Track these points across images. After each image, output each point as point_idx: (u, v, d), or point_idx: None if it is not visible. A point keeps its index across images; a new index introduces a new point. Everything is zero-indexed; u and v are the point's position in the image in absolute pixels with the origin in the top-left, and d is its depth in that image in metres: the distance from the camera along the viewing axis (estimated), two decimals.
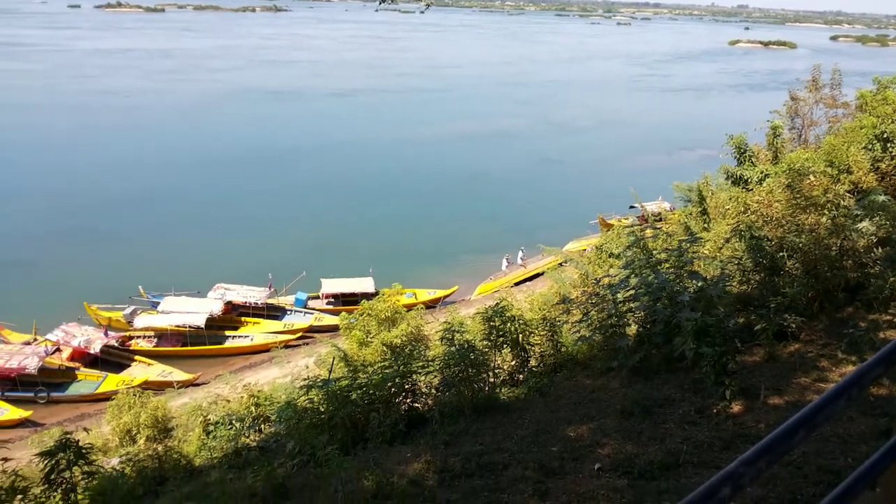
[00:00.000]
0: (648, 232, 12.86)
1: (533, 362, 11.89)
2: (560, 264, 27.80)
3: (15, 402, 24.81)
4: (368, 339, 20.39)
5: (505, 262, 35.87)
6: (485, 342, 11.02)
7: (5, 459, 6.79)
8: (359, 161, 55.68)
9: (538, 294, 20.11)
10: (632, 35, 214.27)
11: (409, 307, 24.52)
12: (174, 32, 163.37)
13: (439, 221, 42.36)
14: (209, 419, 15.30)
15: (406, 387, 10.51)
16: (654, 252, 11.18)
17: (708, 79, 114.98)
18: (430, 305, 29.93)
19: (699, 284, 9.90)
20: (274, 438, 12.52)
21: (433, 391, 10.71)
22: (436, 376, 10.71)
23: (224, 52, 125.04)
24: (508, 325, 11.03)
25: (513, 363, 11.72)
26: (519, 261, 36.08)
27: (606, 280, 10.93)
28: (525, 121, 73.37)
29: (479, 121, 72.19)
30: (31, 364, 25.04)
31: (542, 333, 12.07)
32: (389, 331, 20.56)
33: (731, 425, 7.72)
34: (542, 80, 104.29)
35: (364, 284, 31.23)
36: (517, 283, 33.03)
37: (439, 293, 32.40)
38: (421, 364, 10.96)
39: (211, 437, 14.48)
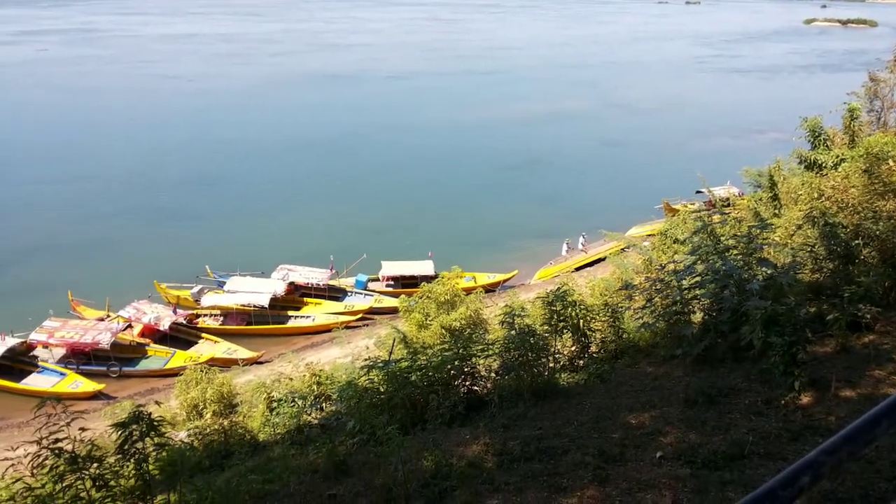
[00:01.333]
0: (716, 217, 12.49)
1: (594, 348, 11.76)
2: (622, 250, 27.38)
3: (89, 375, 25.94)
4: (427, 322, 20.51)
5: (565, 247, 35.50)
6: (545, 327, 10.93)
7: (82, 429, 7.08)
8: (417, 144, 55.83)
9: (600, 279, 19.85)
10: (700, 15, 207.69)
11: (468, 291, 24.53)
12: (238, 17, 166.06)
13: (499, 205, 42.16)
14: (273, 396, 15.72)
15: (465, 370, 10.54)
16: (722, 238, 10.89)
17: (779, 59, 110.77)
18: (489, 289, 29.85)
19: (769, 272, 9.60)
20: (335, 417, 12.74)
21: (492, 374, 10.72)
22: (495, 360, 10.70)
23: (285, 36, 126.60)
24: (569, 310, 10.91)
25: (573, 349, 11.61)
26: (580, 246, 35.66)
27: (671, 266, 10.71)
28: (586, 103, 72.21)
29: (539, 103, 71.39)
30: (105, 339, 26.09)
31: (603, 319, 11.92)
32: (448, 314, 20.63)
33: (800, 417, 7.50)
34: (603, 62, 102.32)
35: (423, 267, 31.38)
36: (578, 269, 32.65)
37: (498, 277, 32.31)
38: (480, 347, 10.97)
39: (274, 413, 14.87)
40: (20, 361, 26.50)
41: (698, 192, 36.46)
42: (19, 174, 46.61)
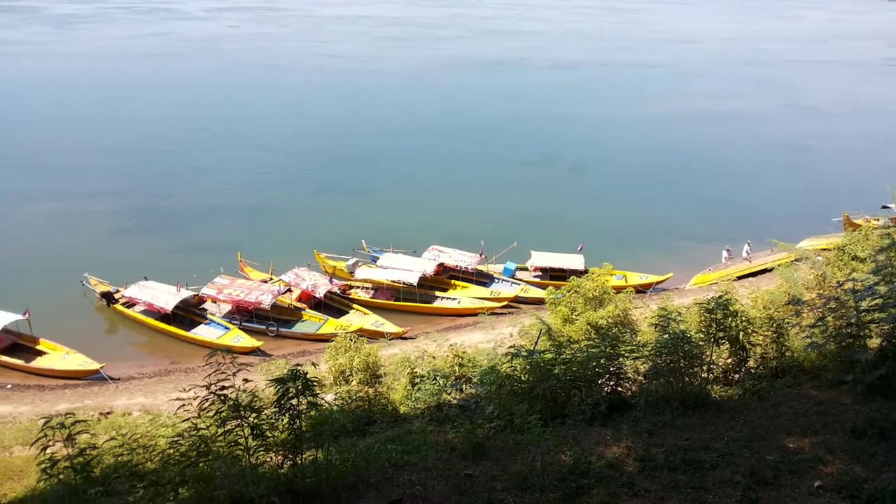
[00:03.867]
0: None
1: (752, 363, 11.14)
2: (792, 262, 25.55)
3: (249, 331, 27.84)
4: (573, 317, 20.22)
5: (725, 254, 33.63)
6: (700, 335, 10.45)
7: (246, 380, 7.61)
8: (576, 135, 54.87)
9: (764, 291, 18.63)
10: None
11: (619, 289, 23.89)
12: (410, 1, 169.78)
13: (658, 203, 40.64)
14: (416, 372, 16.13)
15: (611, 369, 10.33)
16: None
17: None
18: (641, 290, 28.90)
19: None
20: (474, 399, 12.90)
21: (639, 377, 10.42)
22: (644, 363, 10.38)
23: (452, 21, 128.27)
24: (730, 320, 10.34)
25: (729, 361, 11.05)
26: (744, 254, 33.60)
27: (849, 285, 9.85)
28: (762, 102, 67.74)
29: (710, 100, 67.90)
30: (266, 300, 27.88)
31: (765, 334, 11.25)
32: (596, 311, 20.23)
33: None
34: (784, 60, 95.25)
35: (574, 261, 30.93)
36: (739, 278, 30.80)
37: (651, 278, 31.22)
38: (629, 348, 10.67)
39: (416, 388, 15.29)
40: (191, 312, 28.96)
41: (885, 206, 33.34)
42: (204, 141, 50.73)
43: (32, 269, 31.09)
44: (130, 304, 28.95)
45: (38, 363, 25.53)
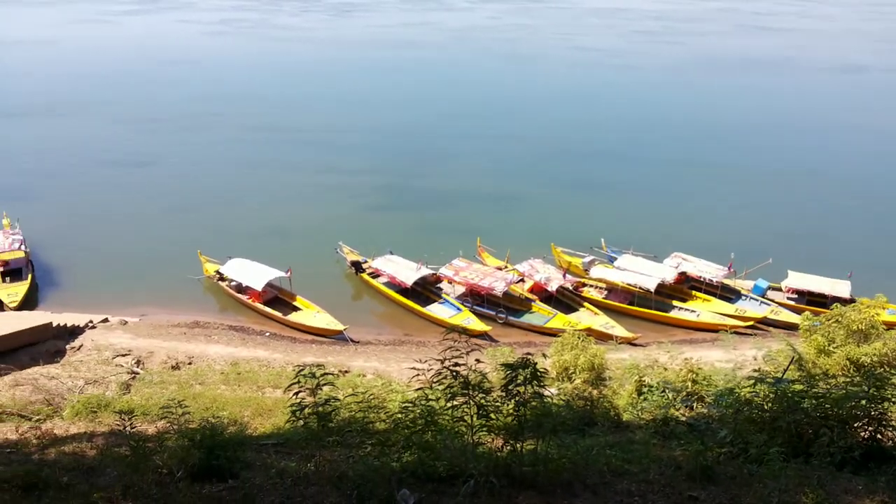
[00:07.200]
0: None
1: None
2: None
3: (479, 315, 28.65)
4: (830, 349, 18.19)
5: None
6: None
7: (478, 360, 7.83)
8: (851, 147, 48.84)
9: None
10: None
11: (891, 326, 21.08)
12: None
13: None
14: (644, 381, 15.58)
15: (872, 413, 9.15)
16: None
17: None
18: None
19: None
20: (705, 420, 12.18)
21: None
22: None
23: (718, 16, 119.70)
24: None
25: None
26: None
27: None
28: None
29: None
30: (499, 287, 28.50)
31: None
32: (858, 346, 18.01)
33: None
34: None
35: (838, 287, 27.81)
36: None
37: None
38: None
39: (642, 398, 14.78)
40: (428, 289, 30.48)
41: None
42: (457, 128, 52.67)
43: (296, 232, 34.89)
44: (375, 274, 31.15)
45: (293, 317, 28.49)
